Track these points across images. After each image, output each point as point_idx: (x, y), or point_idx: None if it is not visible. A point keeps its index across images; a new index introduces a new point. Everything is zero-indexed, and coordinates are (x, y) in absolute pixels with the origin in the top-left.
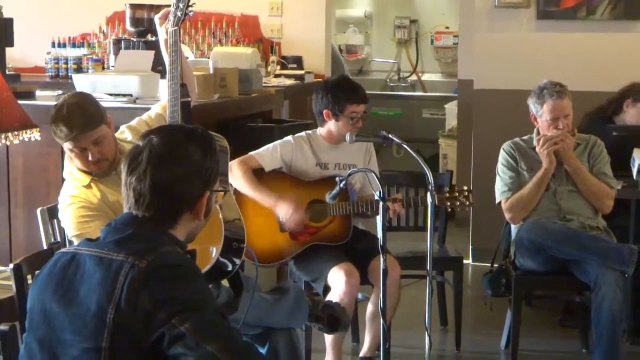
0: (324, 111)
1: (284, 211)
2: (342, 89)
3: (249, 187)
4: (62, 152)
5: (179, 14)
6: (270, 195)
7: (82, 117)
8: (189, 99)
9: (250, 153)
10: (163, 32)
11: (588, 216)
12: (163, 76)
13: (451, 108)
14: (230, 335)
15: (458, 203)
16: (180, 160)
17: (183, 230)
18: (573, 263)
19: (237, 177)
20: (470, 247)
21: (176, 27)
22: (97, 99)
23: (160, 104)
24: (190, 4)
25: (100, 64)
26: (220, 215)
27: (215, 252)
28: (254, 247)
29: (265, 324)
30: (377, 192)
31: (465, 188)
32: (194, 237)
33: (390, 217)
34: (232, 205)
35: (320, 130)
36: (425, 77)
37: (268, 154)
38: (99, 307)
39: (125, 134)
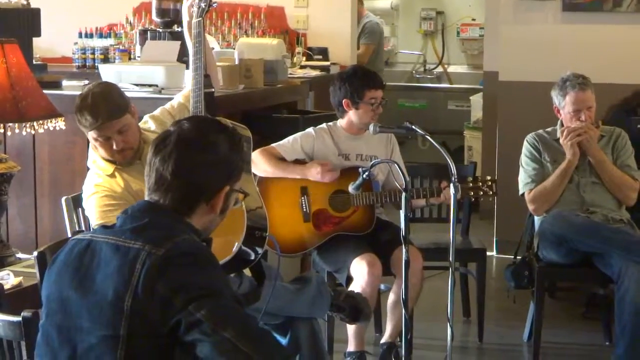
0: (343, 101)
1: (315, 172)
2: (359, 77)
3: (273, 168)
4: (88, 142)
5: (202, 5)
6: (296, 168)
7: (106, 106)
8: (213, 90)
9: (271, 145)
10: (187, 16)
11: (612, 209)
12: (188, 67)
13: (476, 100)
14: (247, 322)
15: (481, 193)
16: (206, 148)
17: (198, 221)
18: (596, 256)
19: (259, 163)
20: (495, 239)
21: (200, 18)
22: (121, 89)
23: (183, 94)
24: None
25: (127, 55)
26: (243, 205)
27: (236, 245)
28: (278, 237)
29: (287, 314)
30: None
31: (489, 178)
32: (209, 233)
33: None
34: (255, 194)
35: (341, 122)
36: (451, 69)
37: (289, 145)
38: (116, 295)
39: (148, 123)
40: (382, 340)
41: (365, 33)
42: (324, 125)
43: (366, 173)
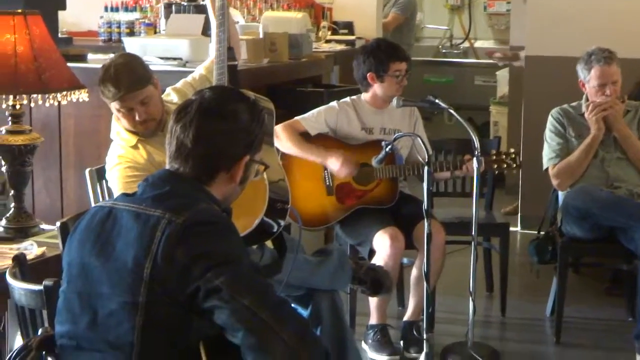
0: (368, 74)
1: (334, 163)
2: (382, 50)
3: (296, 147)
4: (112, 114)
5: None
6: (319, 151)
7: (129, 77)
8: (236, 63)
9: (295, 118)
10: None
11: (636, 184)
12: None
13: (503, 75)
14: (265, 290)
15: (505, 165)
16: (227, 116)
17: (219, 190)
18: (620, 231)
19: (283, 139)
20: (519, 214)
21: None
22: (146, 62)
23: (204, 65)
24: None
25: (152, 28)
26: (265, 177)
27: (259, 218)
28: (301, 210)
29: (308, 286)
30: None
31: (512, 150)
32: (229, 203)
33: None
34: (276, 166)
35: (365, 96)
36: (478, 44)
37: (313, 119)
38: (136, 262)
39: (171, 95)
40: (405, 318)
41: (398, 3)
42: (347, 99)
43: (389, 146)
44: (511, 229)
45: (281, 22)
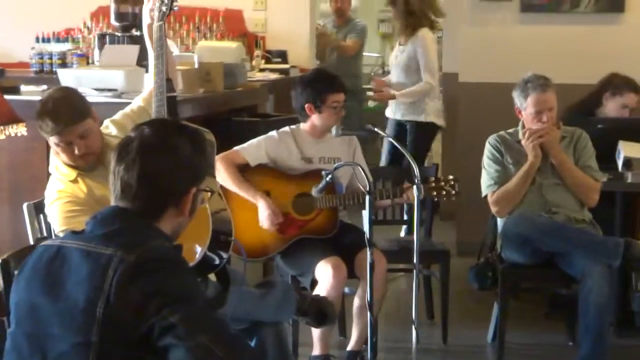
0: (306, 105)
1: (263, 210)
2: (320, 81)
3: (232, 182)
4: (48, 147)
5: (164, 8)
6: (251, 191)
7: (68, 111)
8: (175, 94)
9: (234, 148)
10: (148, 19)
11: (574, 209)
12: (148, 70)
13: None
14: (220, 326)
15: (444, 192)
16: (169, 152)
17: (168, 225)
18: (559, 256)
19: (220, 171)
20: (456, 240)
21: (161, 22)
22: (82, 94)
23: (143, 97)
24: None
25: (85, 59)
26: (208, 209)
27: (200, 251)
28: (241, 241)
29: (252, 318)
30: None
31: (451, 177)
32: (178, 235)
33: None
34: (218, 197)
35: (304, 126)
36: None
37: (253, 149)
38: (87, 301)
39: (109, 128)
40: (349, 348)
41: (356, 29)
42: (287, 128)
43: (329, 176)
44: None
45: (216, 52)
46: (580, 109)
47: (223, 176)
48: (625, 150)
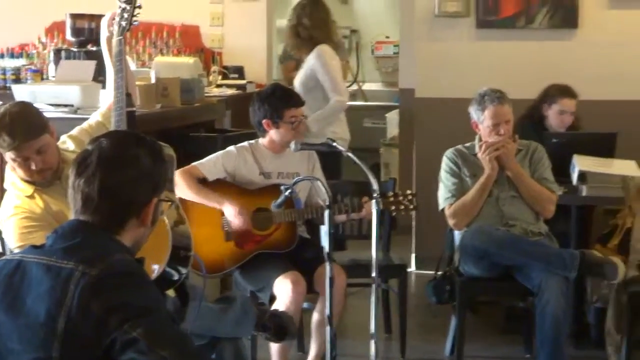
0: (264, 121)
1: (230, 211)
2: (277, 96)
3: (193, 193)
4: (3, 163)
5: (123, 23)
6: (216, 197)
7: (24, 126)
8: (134, 109)
9: (193, 163)
10: (107, 32)
11: (530, 222)
12: (104, 86)
13: (392, 117)
14: (183, 341)
15: (402, 207)
16: (129, 164)
17: (129, 236)
18: (516, 269)
19: (180, 185)
20: (413, 254)
21: (121, 37)
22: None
23: (101, 112)
24: (135, 13)
25: (39, 75)
26: (167, 225)
27: (158, 268)
28: (199, 256)
29: (212, 334)
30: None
31: (409, 192)
32: (140, 247)
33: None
34: (176, 212)
35: (262, 141)
36: (366, 86)
37: (211, 164)
38: (48, 316)
39: (67, 143)
40: None
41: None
42: (245, 143)
43: (288, 190)
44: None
45: (173, 67)
46: (529, 122)
47: (183, 189)
48: (580, 163)
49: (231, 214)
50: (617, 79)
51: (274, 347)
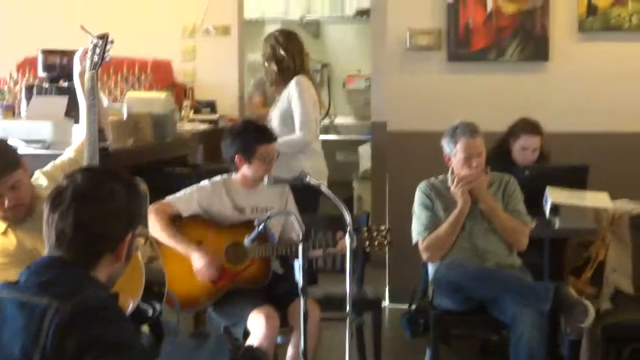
0: (236, 157)
1: (199, 263)
2: (250, 132)
3: (165, 234)
4: None
5: (96, 58)
6: (184, 243)
7: None
8: (107, 144)
9: (167, 199)
10: (79, 67)
11: (504, 254)
12: (77, 121)
13: (365, 150)
14: None
15: (377, 242)
16: (104, 199)
17: (104, 271)
18: (490, 302)
19: (152, 223)
20: (387, 288)
21: (94, 72)
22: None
23: (74, 148)
24: (107, 48)
25: (11, 111)
26: (141, 261)
27: (132, 303)
28: (173, 292)
29: None
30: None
31: (383, 227)
32: (115, 282)
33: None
34: (150, 247)
35: (235, 175)
36: (338, 120)
37: (184, 199)
38: (23, 353)
39: (40, 179)
40: None
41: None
42: (218, 178)
43: (261, 225)
44: None
45: (145, 103)
46: (499, 154)
47: (155, 228)
48: (553, 196)
49: (200, 265)
50: (587, 111)
51: None
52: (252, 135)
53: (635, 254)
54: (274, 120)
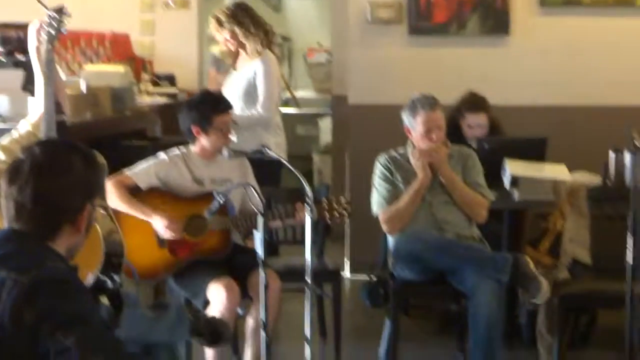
0: (192, 128)
1: (159, 224)
2: (206, 102)
3: (124, 203)
4: None
5: (52, 31)
6: (145, 209)
7: None
8: (65, 117)
9: (124, 171)
10: (35, 41)
11: (463, 226)
12: (33, 94)
13: (325, 124)
14: (117, 348)
15: (337, 214)
16: (62, 171)
17: (63, 244)
18: (450, 272)
19: (111, 196)
20: (348, 260)
21: (50, 45)
22: None
23: (31, 122)
24: (64, 21)
25: None
26: (100, 233)
27: (91, 275)
28: (133, 264)
29: (147, 341)
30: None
31: (343, 199)
32: (74, 254)
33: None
34: (109, 219)
35: (193, 147)
36: (299, 93)
37: (143, 172)
38: None
39: None
40: None
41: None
42: (176, 150)
43: (221, 197)
44: None
45: (103, 76)
46: (454, 128)
47: (114, 199)
48: (511, 168)
49: (160, 226)
50: (547, 84)
51: (209, 351)
52: (209, 106)
53: (592, 225)
54: (236, 92)
